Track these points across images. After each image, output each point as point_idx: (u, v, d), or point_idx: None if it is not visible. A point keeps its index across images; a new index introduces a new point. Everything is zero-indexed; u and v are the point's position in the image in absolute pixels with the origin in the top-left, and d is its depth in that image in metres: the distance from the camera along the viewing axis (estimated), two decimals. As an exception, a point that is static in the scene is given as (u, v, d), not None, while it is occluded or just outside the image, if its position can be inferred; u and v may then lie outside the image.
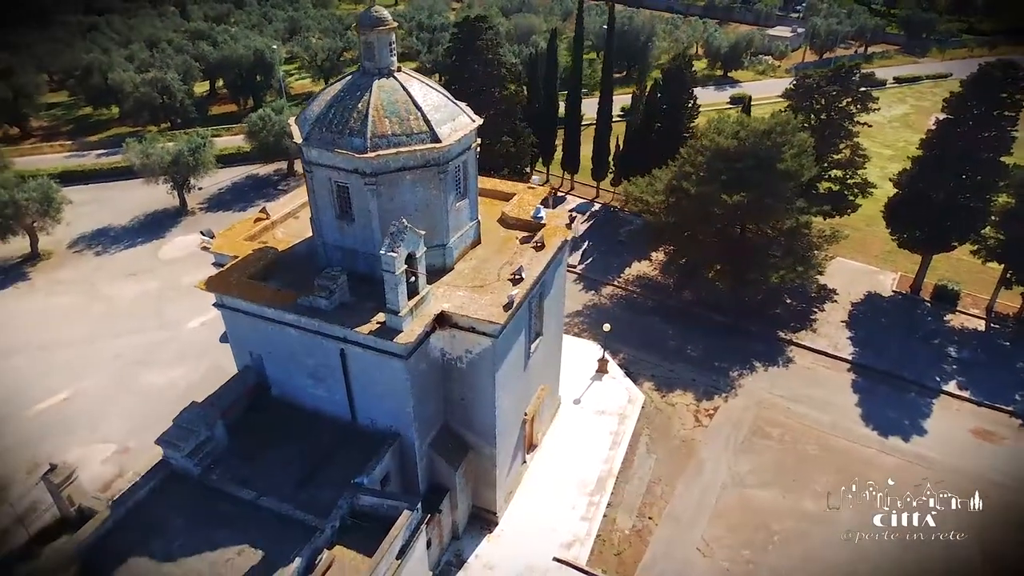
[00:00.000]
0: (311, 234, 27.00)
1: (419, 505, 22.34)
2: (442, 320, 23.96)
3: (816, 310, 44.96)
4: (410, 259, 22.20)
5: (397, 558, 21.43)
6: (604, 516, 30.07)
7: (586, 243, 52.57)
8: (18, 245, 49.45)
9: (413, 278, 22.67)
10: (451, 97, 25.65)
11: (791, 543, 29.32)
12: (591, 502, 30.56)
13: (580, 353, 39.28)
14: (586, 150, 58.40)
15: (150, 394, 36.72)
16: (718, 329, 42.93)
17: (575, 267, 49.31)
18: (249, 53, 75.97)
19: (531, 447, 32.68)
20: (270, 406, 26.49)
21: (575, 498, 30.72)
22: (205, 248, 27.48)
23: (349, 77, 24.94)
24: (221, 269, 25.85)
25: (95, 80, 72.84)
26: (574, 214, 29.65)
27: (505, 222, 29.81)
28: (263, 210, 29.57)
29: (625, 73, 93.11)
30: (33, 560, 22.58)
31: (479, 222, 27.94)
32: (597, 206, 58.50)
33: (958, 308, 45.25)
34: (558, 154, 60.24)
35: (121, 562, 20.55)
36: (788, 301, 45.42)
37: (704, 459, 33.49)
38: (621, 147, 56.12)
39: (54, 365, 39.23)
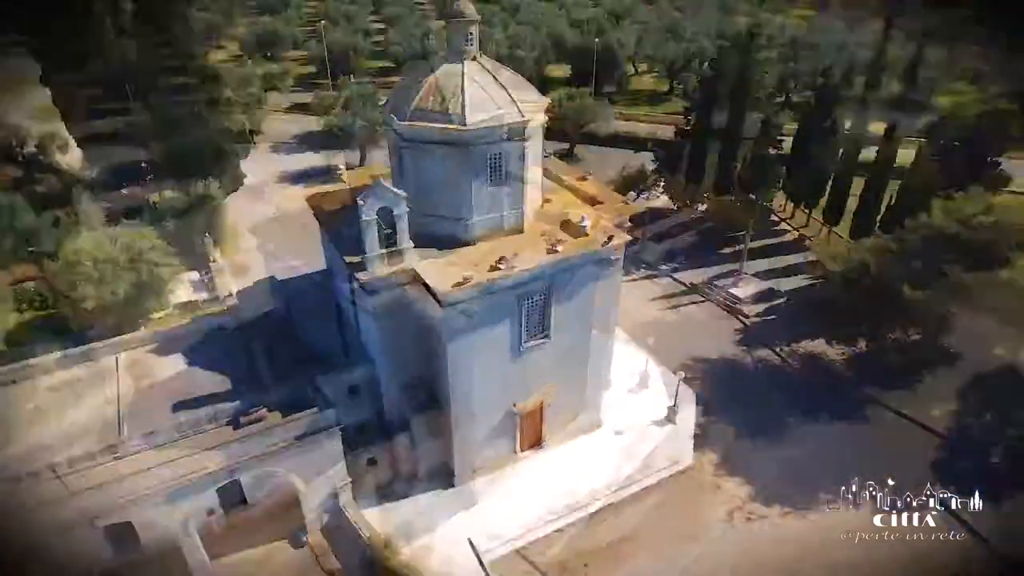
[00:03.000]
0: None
1: (332, 412, 26.65)
2: (415, 278, 27.02)
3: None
4: (388, 214, 25.84)
5: (296, 439, 26.32)
6: (545, 536, 29.39)
7: (784, 299, 45.90)
8: (349, 157, 66.83)
9: (390, 231, 26.27)
10: (512, 93, 27.31)
11: None
12: (546, 519, 30.00)
13: (666, 395, 36.56)
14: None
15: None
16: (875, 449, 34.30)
17: (747, 317, 44.15)
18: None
19: (536, 443, 33.03)
20: (332, 306, 33.48)
21: (538, 507, 30.48)
22: (340, 179, 35.35)
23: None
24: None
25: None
26: (614, 234, 28.41)
27: (565, 224, 30.33)
28: (399, 159, 35.96)
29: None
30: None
31: (523, 212, 29.27)
32: (839, 267, 49.62)
33: None
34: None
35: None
36: None
37: (699, 555, 29.02)
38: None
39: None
